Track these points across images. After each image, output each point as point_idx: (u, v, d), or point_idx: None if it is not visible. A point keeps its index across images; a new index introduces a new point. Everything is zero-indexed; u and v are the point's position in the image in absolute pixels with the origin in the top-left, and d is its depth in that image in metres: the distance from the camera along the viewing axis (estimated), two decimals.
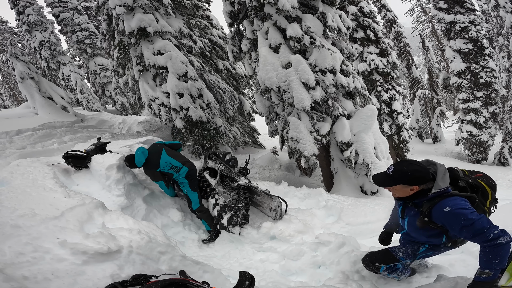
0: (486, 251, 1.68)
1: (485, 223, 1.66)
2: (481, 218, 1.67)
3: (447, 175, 1.82)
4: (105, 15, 8.70)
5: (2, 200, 2.50)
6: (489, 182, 1.98)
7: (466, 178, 1.96)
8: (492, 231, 1.64)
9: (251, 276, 1.68)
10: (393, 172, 1.85)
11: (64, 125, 9.35)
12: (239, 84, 10.59)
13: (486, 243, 1.67)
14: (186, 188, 3.96)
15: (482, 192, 1.93)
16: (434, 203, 1.79)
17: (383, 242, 2.42)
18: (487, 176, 2.04)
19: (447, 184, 1.79)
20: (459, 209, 1.70)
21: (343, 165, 6.26)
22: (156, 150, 3.85)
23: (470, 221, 1.66)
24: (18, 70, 10.51)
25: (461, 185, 1.93)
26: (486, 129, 12.29)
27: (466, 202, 1.76)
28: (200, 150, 7.92)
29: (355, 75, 6.07)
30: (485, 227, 1.65)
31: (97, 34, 16.51)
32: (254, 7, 5.47)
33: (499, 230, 1.65)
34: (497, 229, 1.65)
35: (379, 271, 2.39)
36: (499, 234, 1.63)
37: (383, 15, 16.94)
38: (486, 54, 11.95)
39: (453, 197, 1.77)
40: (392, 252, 2.26)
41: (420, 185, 1.83)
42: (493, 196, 1.97)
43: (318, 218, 4.13)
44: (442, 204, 1.76)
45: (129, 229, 2.50)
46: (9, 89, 28.32)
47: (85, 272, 1.93)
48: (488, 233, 1.64)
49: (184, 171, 3.88)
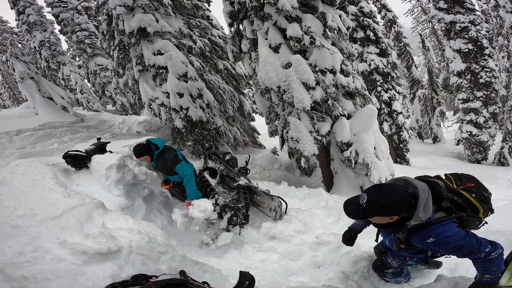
0: (480, 264, 1.65)
1: (474, 243, 1.57)
2: (469, 239, 1.57)
3: (429, 204, 1.59)
4: (105, 15, 8.70)
5: (2, 200, 2.50)
6: (481, 194, 1.79)
7: (450, 196, 1.76)
8: (483, 250, 1.57)
9: (251, 276, 1.68)
10: (366, 204, 1.57)
11: (64, 125, 9.35)
12: (239, 84, 10.58)
13: (477, 260, 1.63)
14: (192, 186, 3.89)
15: (471, 208, 1.76)
16: (412, 233, 1.66)
17: (348, 243, 2.23)
18: (480, 186, 1.84)
19: (429, 214, 1.59)
20: (443, 238, 1.58)
21: (343, 165, 6.26)
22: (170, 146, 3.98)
23: (457, 247, 1.58)
24: (18, 70, 10.51)
25: (444, 206, 1.74)
26: (486, 129, 12.29)
27: (450, 227, 1.61)
28: (200, 150, 7.91)
29: (355, 75, 6.07)
30: (474, 248, 1.57)
31: (97, 34, 16.51)
32: (254, 7, 5.47)
33: (489, 247, 1.58)
34: (487, 246, 1.58)
35: (386, 276, 2.48)
36: (490, 250, 1.58)
37: (383, 15, 16.96)
38: (486, 54, 11.96)
39: (434, 225, 1.62)
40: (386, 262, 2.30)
41: (400, 214, 1.62)
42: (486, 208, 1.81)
43: (318, 218, 4.13)
44: (423, 235, 1.63)
45: (129, 229, 2.50)
46: (9, 89, 28.32)
47: (85, 272, 1.93)
48: (478, 252, 1.58)
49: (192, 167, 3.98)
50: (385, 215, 1.60)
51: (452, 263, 2.64)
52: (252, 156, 9.60)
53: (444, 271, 2.54)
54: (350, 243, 2.23)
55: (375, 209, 1.56)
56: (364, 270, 2.63)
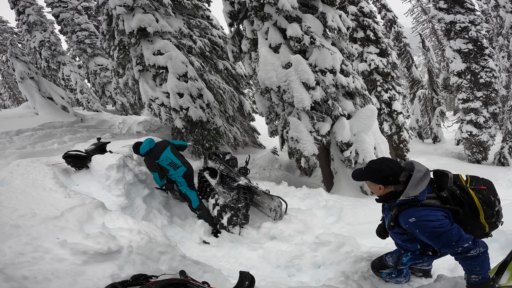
0: (461, 262, 1.65)
1: (454, 236, 1.58)
2: (449, 230, 1.58)
3: (422, 183, 1.67)
4: (105, 15, 8.70)
5: (2, 200, 2.50)
6: (488, 197, 1.74)
7: (453, 188, 1.75)
8: (461, 245, 1.57)
9: (251, 276, 1.68)
10: (365, 168, 1.87)
11: (64, 125, 9.35)
12: (239, 84, 10.58)
13: (456, 255, 1.63)
14: (184, 187, 4.07)
15: (470, 208, 1.72)
16: (401, 210, 1.73)
17: (380, 235, 2.27)
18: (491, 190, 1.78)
19: (417, 193, 1.66)
20: (423, 221, 1.63)
21: (343, 165, 6.26)
22: (163, 145, 4.09)
23: (435, 233, 1.60)
24: (18, 70, 10.51)
25: (443, 195, 1.77)
26: (486, 129, 12.28)
27: (436, 213, 1.64)
28: (200, 150, 7.91)
29: (355, 75, 6.07)
30: (452, 240, 1.58)
31: (97, 34, 16.51)
32: (254, 7, 5.47)
33: (470, 243, 1.58)
34: (467, 242, 1.58)
35: (381, 276, 2.50)
36: (469, 247, 1.57)
37: (383, 15, 16.95)
38: (486, 54, 11.95)
39: (421, 207, 1.67)
40: (384, 260, 2.32)
41: (385, 185, 1.77)
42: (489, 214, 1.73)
43: (318, 218, 4.13)
44: (408, 213, 1.69)
45: (129, 229, 2.50)
46: (9, 89, 28.32)
47: (85, 272, 1.93)
48: (456, 246, 1.58)
49: (182, 171, 4.02)
50: (373, 181, 1.82)
51: (452, 263, 2.64)
52: (252, 156, 9.60)
53: (444, 271, 2.54)
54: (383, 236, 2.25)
55: (367, 172, 1.83)
56: (364, 270, 2.63)
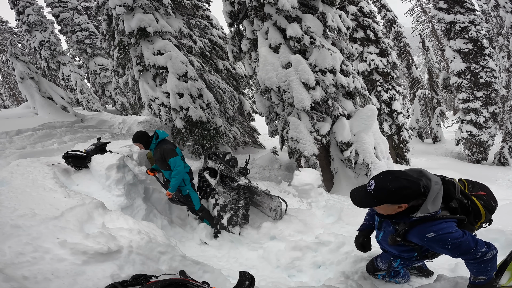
0: (474, 265, 1.64)
1: (472, 242, 1.56)
2: (467, 238, 1.56)
3: (439, 197, 1.55)
4: (105, 15, 8.69)
5: (2, 200, 2.50)
6: (489, 203, 1.76)
7: (461, 198, 1.71)
8: (479, 250, 1.56)
9: (251, 276, 1.68)
10: (375, 190, 1.51)
11: (64, 125, 9.35)
12: (239, 84, 10.58)
13: (472, 260, 1.62)
14: (188, 187, 3.94)
15: (475, 215, 1.72)
16: (413, 225, 1.60)
17: (364, 248, 2.08)
18: (490, 196, 1.81)
19: (437, 208, 1.54)
20: (443, 234, 1.55)
21: (343, 165, 6.26)
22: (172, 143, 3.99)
23: (456, 244, 1.55)
24: (18, 70, 10.50)
25: (452, 206, 1.70)
26: (486, 129, 12.29)
27: (451, 224, 1.59)
28: (200, 150, 7.91)
29: (355, 75, 6.07)
30: (471, 247, 1.55)
31: (97, 34, 16.51)
32: (254, 7, 5.47)
33: (485, 247, 1.58)
34: (483, 246, 1.58)
35: (377, 278, 2.49)
36: (486, 251, 1.57)
37: (383, 15, 16.96)
38: (486, 54, 11.96)
39: (438, 220, 1.58)
40: (375, 264, 2.30)
41: (409, 202, 1.56)
42: (488, 218, 1.78)
43: (318, 218, 4.13)
44: (424, 228, 1.59)
45: (129, 229, 2.49)
46: (9, 89, 28.31)
47: (85, 272, 1.93)
48: (475, 252, 1.56)
49: (187, 167, 4.01)
50: (394, 203, 1.54)
51: (452, 263, 2.64)
52: (252, 156, 9.59)
53: (444, 271, 2.54)
54: (367, 247, 2.08)
55: (384, 195, 1.50)
56: (364, 270, 2.63)
